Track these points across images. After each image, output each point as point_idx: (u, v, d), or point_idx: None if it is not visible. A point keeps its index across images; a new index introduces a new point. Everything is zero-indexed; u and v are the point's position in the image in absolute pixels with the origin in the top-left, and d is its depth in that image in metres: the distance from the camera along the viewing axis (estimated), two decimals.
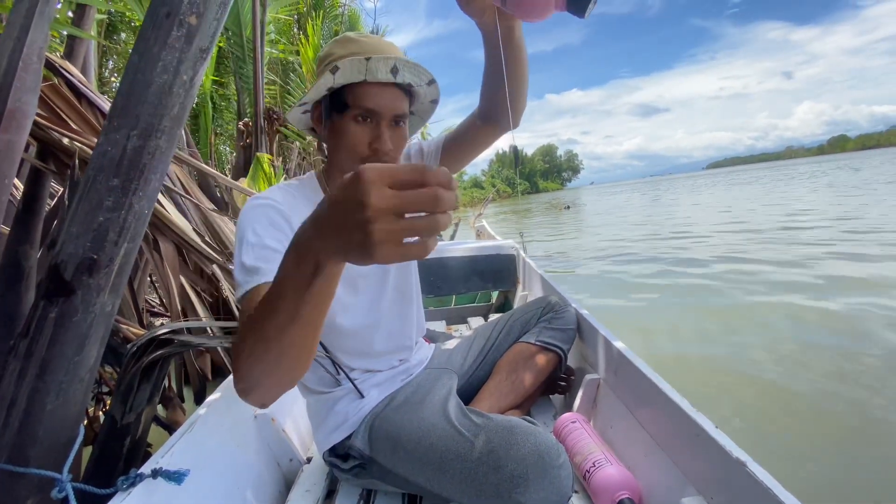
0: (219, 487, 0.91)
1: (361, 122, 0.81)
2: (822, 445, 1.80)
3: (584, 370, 1.34)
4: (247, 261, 0.69)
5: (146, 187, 0.79)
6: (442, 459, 0.80)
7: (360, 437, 0.93)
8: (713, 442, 0.74)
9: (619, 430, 1.11)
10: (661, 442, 0.93)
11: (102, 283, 0.77)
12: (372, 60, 0.77)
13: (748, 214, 10.45)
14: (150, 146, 0.78)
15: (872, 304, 3.32)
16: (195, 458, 0.87)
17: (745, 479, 0.67)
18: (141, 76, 0.80)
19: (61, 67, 1.74)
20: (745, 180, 33.69)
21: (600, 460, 0.98)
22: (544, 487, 0.70)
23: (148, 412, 0.96)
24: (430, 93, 0.91)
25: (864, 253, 4.96)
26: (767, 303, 3.69)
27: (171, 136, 0.81)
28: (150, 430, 1.14)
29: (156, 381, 0.94)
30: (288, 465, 1.19)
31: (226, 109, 8.74)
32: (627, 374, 1.10)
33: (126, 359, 0.91)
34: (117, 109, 0.79)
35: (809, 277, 4.24)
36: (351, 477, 0.98)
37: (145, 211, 0.80)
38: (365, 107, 0.80)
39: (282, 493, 1.12)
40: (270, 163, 4.18)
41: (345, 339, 0.96)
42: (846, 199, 11.23)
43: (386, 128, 0.81)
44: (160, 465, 0.79)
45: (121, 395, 0.91)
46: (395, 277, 1.02)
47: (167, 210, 1.66)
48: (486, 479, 0.73)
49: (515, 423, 0.77)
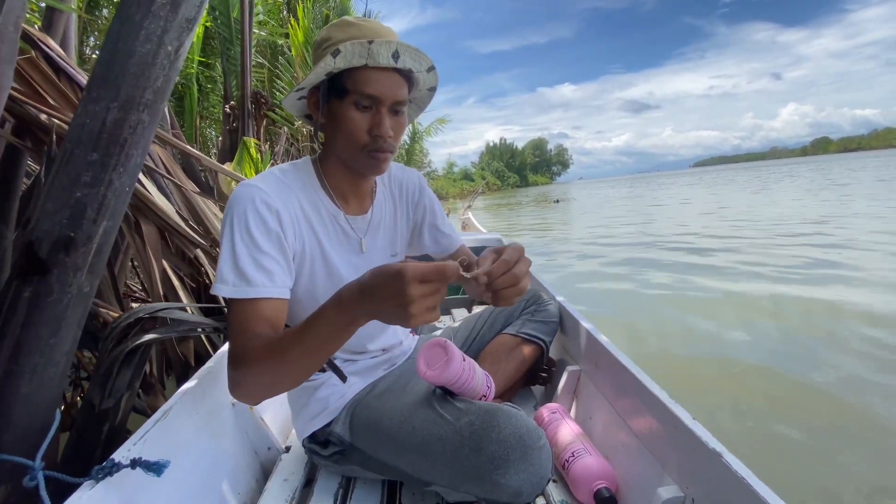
0: (194, 477, 0.90)
1: (361, 109, 0.79)
2: (800, 438, 1.85)
3: (566, 362, 1.36)
4: (242, 264, 0.71)
5: (127, 163, 0.76)
6: (423, 442, 0.80)
7: (341, 423, 0.93)
8: (689, 433, 0.75)
9: (599, 421, 1.13)
10: (639, 433, 0.95)
11: (80, 262, 0.74)
12: (374, 44, 0.75)
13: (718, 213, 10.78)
14: (132, 119, 0.75)
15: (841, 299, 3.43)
16: (169, 446, 0.85)
17: (720, 469, 0.68)
18: (122, 45, 0.76)
19: (39, 41, 1.68)
20: (727, 179, 34.36)
21: (579, 450, 1.00)
22: (524, 469, 0.71)
23: (128, 398, 0.94)
24: (429, 80, 0.90)
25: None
26: (745, 292, 3.79)
27: (154, 110, 0.79)
28: (131, 417, 1.12)
29: (136, 367, 0.92)
30: (266, 454, 1.18)
31: (212, 92, 8.53)
32: (607, 366, 1.11)
33: (105, 341, 0.89)
34: (97, 79, 0.76)
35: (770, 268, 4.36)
36: (331, 463, 0.98)
37: (126, 188, 0.77)
38: (366, 92, 0.78)
39: (259, 481, 1.12)
40: (257, 147, 4.12)
41: None
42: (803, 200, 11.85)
43: (386, 114, 0.80)
44: (131, 453, 0.78)
45: (99, 379, 0.89)
46: None
47: (149, 191, 1.62)
48: (467, 461, 0.74)
49: (496, 406, 0.78)
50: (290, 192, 0.83)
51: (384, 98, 0.79)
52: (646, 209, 14.41)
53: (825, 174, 26.08)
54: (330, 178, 0.90)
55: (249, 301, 0.70)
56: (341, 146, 0.84)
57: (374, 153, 0.82)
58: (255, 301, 0.71)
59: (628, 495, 0.93)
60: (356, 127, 0.80)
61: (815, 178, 23.95)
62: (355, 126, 0.80)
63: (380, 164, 0.84)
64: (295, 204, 0.84)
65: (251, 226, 0.74)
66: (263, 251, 0.73)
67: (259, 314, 0.70)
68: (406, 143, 18.31)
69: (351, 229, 0.92)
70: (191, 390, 0.98)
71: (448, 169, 66.48)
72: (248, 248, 0.72)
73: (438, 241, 1.08)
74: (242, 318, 0.69)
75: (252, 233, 0.73)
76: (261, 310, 0.70)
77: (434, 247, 1.09)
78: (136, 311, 0.87)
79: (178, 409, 0.91)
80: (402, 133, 0.86)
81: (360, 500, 0.99)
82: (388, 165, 0.86)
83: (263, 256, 0.73)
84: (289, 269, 0.79)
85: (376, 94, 0.78)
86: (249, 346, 0.65)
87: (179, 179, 1.90)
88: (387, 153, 0.83)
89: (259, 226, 0.75)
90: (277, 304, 0.73)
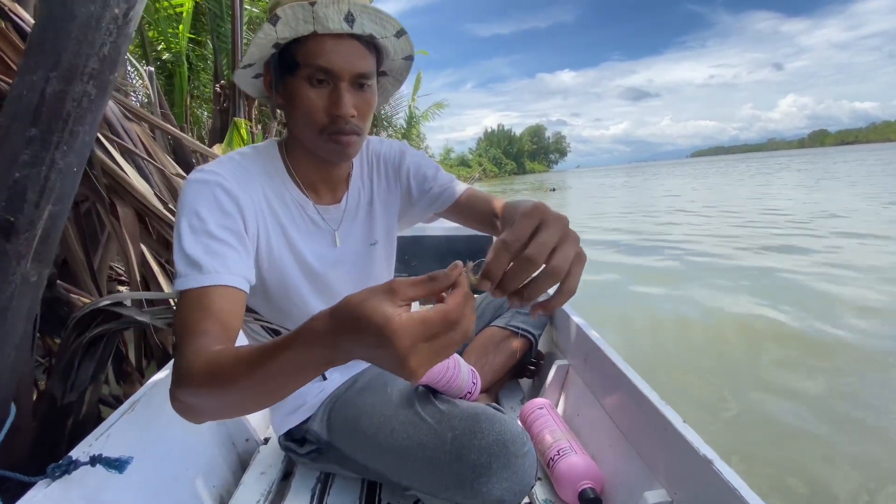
0: (163, 471, 0.86)
1: (316, 85, 0.68)
2: (795, 447, 1.83)
3: (555, 356, 1.32)
4: (190, 249, 0.61)
5: (72, 141, 0.68)
6: (402, 447, 0.76)
7: (319, 420, 0.89)
8: (680, 437, 0.72)
9: (586, 418, 1.10)
10: (627, 433, 0.91)
11: (23, 249, 0.67)
12: (318, 5, 0.64)
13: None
14: (75, 92, 0.67)
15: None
16: (137, 439, 0.81)
17: (710, 476, 0.65)
18: (61, 6, 0.67)
19: (10, 11, 1.59)
20: (719, 170, 34.44)
21: (565, 448, 0.97)
22: (507, 478, 0.68)
23: (93, 391, 0.89)
24: (402, 47, 0.77)
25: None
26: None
27: (102, 81, 0.70)
28: (106, 410, 1.08)
29: (100, 358, 0.87)
30: (244, 446, 1.15)
31: (203, 71, 8.32)
32: (597, 362, 1.08)
33: (66, 332, 0.84)
34: (33, 46, 0.67)
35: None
36: (308, 461, 0.94)
37: (73, 168, 0.69)
38: (317, 64, 0.67)
39: (236, 474, 1.08)
40: (248, 129, 4.01)
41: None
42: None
43: (346, 90, 0.69)
44: (93, 448, 0.74)
45: (60, 372, 0.85)
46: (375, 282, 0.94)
47: (126, 172, 1.56)
48: (448, 469, 0.70)
49: (480, 410, 0.74)
50: (252, 179, 0.74)
51: (340, 71, 0.67)
52: (647, 201, 14.47)
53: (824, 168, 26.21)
54: (296, 164, 0.80)
55: (199, 291, 0.59)
56: (300, 130, 0.73)
57: (336, 136, 0.71)
58: (206, 290, 0.59)
59: (614, 497, 0.90)
60: (311, 106, 0.69)
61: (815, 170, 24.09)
62: (310, 105, 0.69)
63: (344, 150, 0.72)
64: (257, 191, 0.74)
65: (201, 210, 0.64)
66: (216, 237, 0.63)
67: (209, 307, 0.58)
68: (402, 127, 18.04)
69: (322, 220, 0.83)
70: (163, 381, 0.94)
71: (445, 155, 65.98)
72: (198, 233, 0.62)
73: (436, 199, 0.90)
74: (189, 313, 0.58)
75: (203, 216, 0.64)
76: (212, 301, 0.58)
77: (433, 206, 0.91)
78: (97, 302, 0.81)
79: (148, 400, 0.87)
80: (371, 111, 0.74)
81: (339, 496, 0.96)
82: (356, 149, 0.75)
83: (216, 242, 0.63)
84: (247, 259, 0.67)
85: (329, 66, 0.67)
86: (191, 362, 0.51)
87: (160, 161, 1.82)
88: (350, 136, 0.71)
89: (213, 210, 0.65)
90: (232, 296, 0.61)
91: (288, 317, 0.84)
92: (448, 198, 0.89)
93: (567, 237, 0.42)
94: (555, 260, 0.41)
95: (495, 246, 0.41)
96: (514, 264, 0.40)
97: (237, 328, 0.60)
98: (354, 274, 0.89)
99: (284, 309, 0.83)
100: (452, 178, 0.92)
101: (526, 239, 0.41)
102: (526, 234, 0.41)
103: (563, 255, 0.41)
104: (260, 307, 0.84)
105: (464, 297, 0.37)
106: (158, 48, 7.47)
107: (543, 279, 0.42)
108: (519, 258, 0.40)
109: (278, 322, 0.84)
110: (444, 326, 0.36)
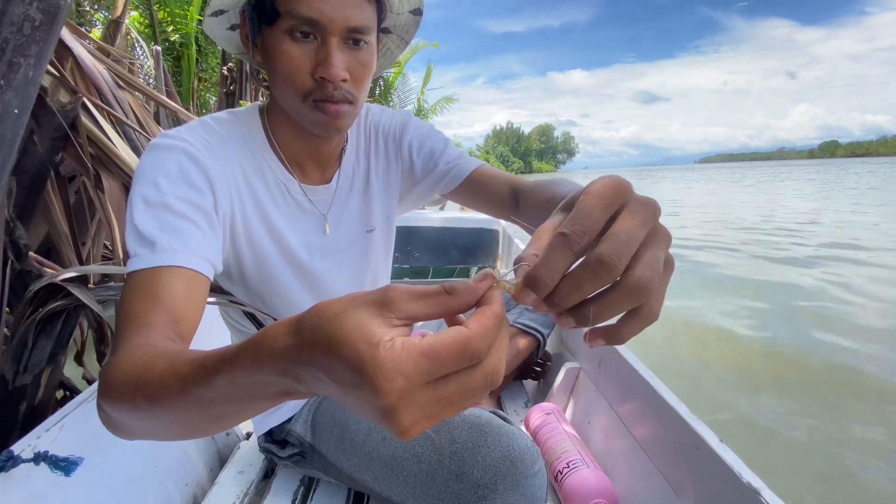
0: (128, 467, 0.77)
1: (301, 40, 0.55)
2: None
3: (563, 357, 1.23)
4: (142, 225, 0.49)
5: (11, 74, 0.56)
6: (395, 457, 0.66)
7: (302, 421, 0.79)
8: (717, 459, 0.61)
9: (598, 428, 1.00)
10: (648, 447, 0.81)
11: None
12: None
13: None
14: (15, 14, 0.55)
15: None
16: (96, 431, 0.72)
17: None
18: None
19: None
20: (728, 179, 34.10)
21: (575, 461, 0.87)
22: (514, 500, 0.58)
23: (50, 373, 0.80)
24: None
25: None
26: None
27: (53, 6, 0.58)
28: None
29: (58, 337, 0.78)
30: (224, 440, 1.05)
31: (211, 54, 8.25)
32: (613, 366, 0.97)
33: (20, 306, 0.75)
34: None
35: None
36: (290, 464, 0.84)
37: (14, 109, 0.57)
38: (301, 14, 0.53)
39: (214, 471, 0.99)
40: None
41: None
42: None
43: (337, 48, 0.55)
44: (41, 442, 0.64)
45: (12, 351, 0.75)
46: (370, 284, 0.82)
47: (114, 143, 1.47)
48: (445, 487, 0.61)
49: (485, 420, 0.64)
50: (227, 147, 0.61)
51: (329, 23, 0.54)
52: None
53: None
54: (279, 136, 0.66)
55: (148, 273, 0.47)
56: (281, 94, 0.60)
57: (322, 103, 0.57)
58: (157, 272, 0.47)
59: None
60: (293, 66, 0.56)
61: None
62: (291, 65, 0.56)
63: (332, 121, 0.59)
64: (232, 163, 0.61)
65: (161, 180, 0.52)
66: (175, 211, 0.51)
67: (158, 294, 0.46)
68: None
69: (309, 202, 0.69)
70: None
71: None
72: (154, 206, 0.51)
73: (442, 178, 0.76)
74: (133, 300, 0.46)
75: (162, 187, 0.52)
76: (163, 286, 0.47)
77: (439, 185, 0.77)
78: (55, 275, 0.72)
79: None
80: (367, 75, 0.60)
81: (323, 502, 0.87)
82: (347, 122, 0.60)
83: (175, 217, 0.51)
84: (214, 240, 0.55)
85: (316, 16, 0.53)
86: (120, 363, 0.39)
87: (153, 133, 1.73)
88: (341, 104, 0.58)
89: (175, 180, 0.53)
90: (190, 281, 0.49)
91: (272, 310, 0.73)
92: (457, 175, 0.74)
93: (657, 234, 0.27)
94: (639, 267, 0.25)
95: (550, 241, 0.26)
96: (577, 269, 0.25)
97: (193, 322, 0.48)
98: (347, 265, 0.76)
99: (267, 301, 0.72)
100: (462, 153, 0.77)
101: (597, 231, 0.26)
102: (598, 224, 0.26)
103: (652, 260, 0.26)
104: (240, 297, 0.73)
105: (494, 321, 0.24)
106: (168, 29, 7.39)
107: (620, 296, 0.26)
108: (586, 261, 0.25)
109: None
110: (460, 362, 0.22)
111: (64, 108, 1.29)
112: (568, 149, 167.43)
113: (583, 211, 0.26)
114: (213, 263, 0.53)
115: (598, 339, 0.29)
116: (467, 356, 0.22)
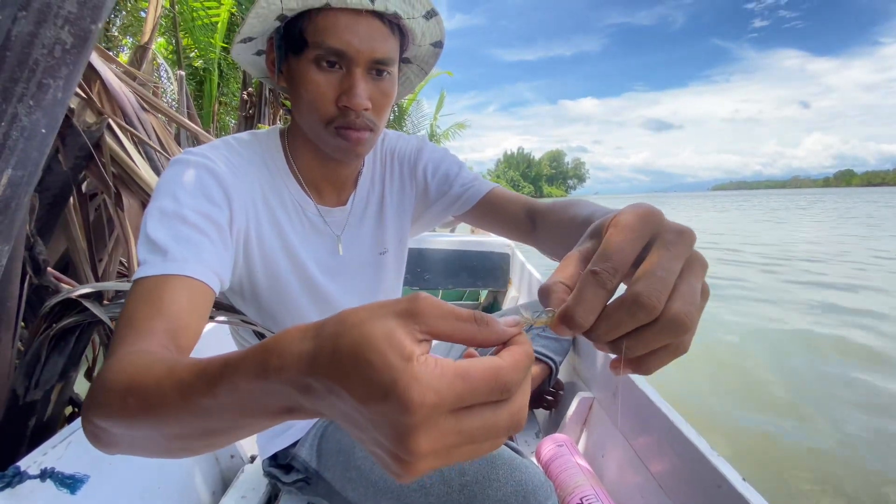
0: (132, 485, 0.76)
1: (326, 69, 0.57)
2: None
3: (576, 386, 1.20)
4: (155, 234, 0.50)
5: (40, 95, 0.59)
6: (402, 489, 0.65)
7: (308, 446, 0.77)
8: (740, 498, 0.59)
9: (612, 461, 0.96)
10: (666, 484, 0.78)
11: None
12: None
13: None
14: (47, 37, 0.57)
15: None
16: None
17: None
18: None
19: None
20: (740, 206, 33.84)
21: (589, 496, 0.84)
22: None
23: (60, 390, 0.80)
24: (431, 31, 0.65)
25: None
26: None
27: (81, 29, 0.60)
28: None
29: (71, 353, 0.78)
30: (228, 463, 1.04)
31: (233, 79, 8.53)
32: (628, 397, 0.95)
33: (35, 322, 0.75)
34: None
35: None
36: (294, 490, 0.82)
37: (41, 129, 0.60)
38: (328, 45, 0.56)
39: (216, 494, 0.97)
40: None
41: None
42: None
43: (361, 78, 0.58)
44: (47, 458, 0.64)
45: (25, 366, 0.76)
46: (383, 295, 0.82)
47: (135, 162, 1.51)
48: None
49: (497, 452, 0.62)
50: (247, 167, 0.63)
51: (356, 54, 0.56)
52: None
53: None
54: (298, 158, 0.69)
55: (154, 280, 0.46)
56: (304, 120, 0.62)
57: (344, 131, 0.59)
58: (164, 280, 0.47)
59: None
60: (318, 94, 0.58)
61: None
62: (317, 92, 0.58)
63: (353, 148, 0.61)
64: (251, 181, 0.63)
65: (180, 193, 0.53)
66: (190, 222, 0.52)
67: (162, 301, 0.45)
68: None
69: (324, 223, 0.71)
70: None
71: None
72: (169, 217, 0.51)
73: (456, 200, 0.76)
74: (136, 305, 0.45)
75: (180, 199, 0.53)
76: (168, 293, 0.46)
77: (453, 208, 0.78)
78: (70, 290, 0.73)
79: None
80: (389, 105, 0.63)
81: None
82: (367, 148, 0.63)
83: (188, 228, 0.51)
84: (225, 255, 0.55)
85: (343, 47, 0.56)
86: (113, 368, 0.37)
87: (174, 154, 1.78)
88: (362, 132, 0.60)
89: (194, 194, 0.54)
90: (196, 293, 0.48)
91: (283, 329, 0.73)
92: (472, 197, 0.74)
93: (693, 263, 0.26)
94: (678, 302, 0.25)
95: (582, 279, 0.25)
96: (615, 309, 0.25)
97: (194, 334, 0.47)
98: (359, 286, 0.77)
99: (279, 320, 0.72)
100: (477, 176, 0.78)
101: (629, 265, 0.26)
102: (630, 259, 0.26)
103: (690, 294, 0.25)
104: (251, 317, 0.73)
105: (525, 359, 0.23)
106: (192, 55, 7.68)
107: (658, 332, 0.25)
108: (623, 300, 0.25)
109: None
110: (490, 393, 0.21)
111: (89, 129, 1.33)
112: (578, 174, 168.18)
113: (613, 245, 0.26)
114: (222, 278, 0.54)
115: (626, 367, 0.28)
116: (498, 388, 0.21)
